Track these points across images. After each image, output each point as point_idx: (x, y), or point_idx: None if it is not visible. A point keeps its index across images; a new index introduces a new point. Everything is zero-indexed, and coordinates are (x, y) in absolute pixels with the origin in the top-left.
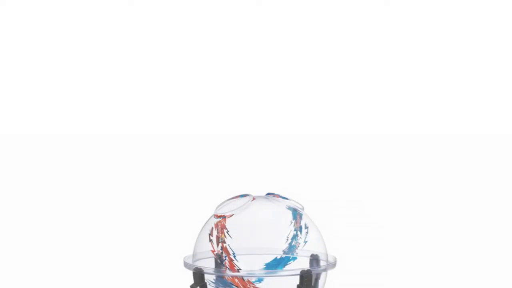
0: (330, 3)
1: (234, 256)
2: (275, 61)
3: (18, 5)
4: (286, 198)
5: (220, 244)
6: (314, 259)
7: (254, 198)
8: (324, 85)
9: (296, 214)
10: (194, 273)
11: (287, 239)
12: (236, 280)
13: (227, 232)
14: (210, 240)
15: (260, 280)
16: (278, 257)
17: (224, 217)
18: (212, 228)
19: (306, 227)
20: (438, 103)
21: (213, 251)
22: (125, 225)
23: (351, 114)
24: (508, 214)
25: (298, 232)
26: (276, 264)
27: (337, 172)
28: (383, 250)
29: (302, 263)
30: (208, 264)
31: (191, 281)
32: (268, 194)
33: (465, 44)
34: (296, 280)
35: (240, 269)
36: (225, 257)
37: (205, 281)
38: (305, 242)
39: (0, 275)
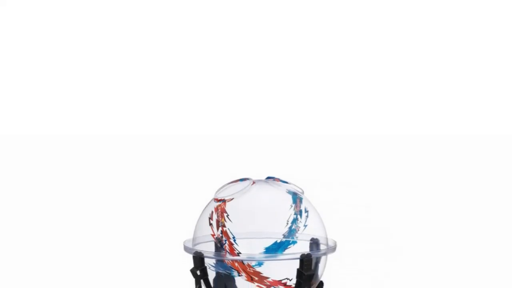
0: (330, 3)
1: (234, 240)
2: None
3: (18, 5)
4: (286, 182)
5: (220, 228)
6: (314, 243)
7: (254, 182)
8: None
9: (296, 198)
10: (194, 257)
11: (287, 223)
12: (236, 264)
13: (227, 216)
14: (210, 224)
15: (260, 264)
16: (278, 241)
17: (224, 201)
18: (212, 212)
19: (306, 211)
20: (438, 103)
21: (213, 235)
22: (125, 210)
23: (350, 101)
24: (508, 214)
25: (298, 216)
26: (276, 248)
27: (337, 156)
28: (382, 234)
29: (302, 247)
30: (208, 248)
31: (191, 265)
32: (268, 178)
33: (465, 44)
34: (296, 264)
35: (240, 253)
36: (225, 241)
37: (205, 265)
38: (305, 226)
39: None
